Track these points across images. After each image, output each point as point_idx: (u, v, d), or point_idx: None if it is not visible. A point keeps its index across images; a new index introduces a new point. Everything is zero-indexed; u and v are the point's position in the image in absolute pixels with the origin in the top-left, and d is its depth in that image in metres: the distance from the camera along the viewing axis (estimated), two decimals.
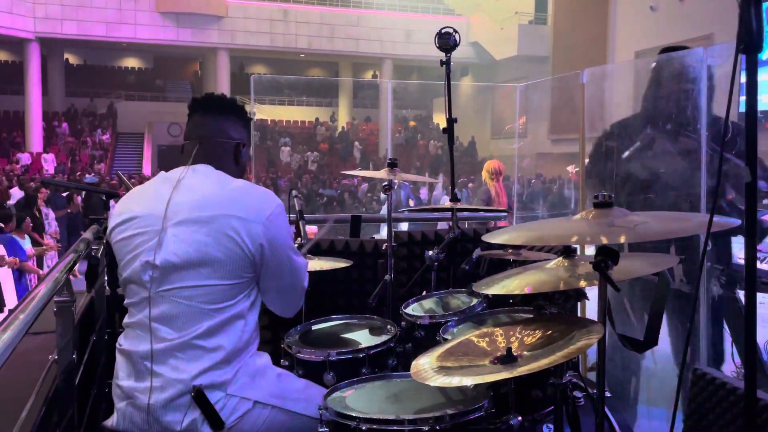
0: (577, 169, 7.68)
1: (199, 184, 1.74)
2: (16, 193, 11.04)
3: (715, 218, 1.30)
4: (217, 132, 1.85)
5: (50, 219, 9.60)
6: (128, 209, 1.77)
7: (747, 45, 1.16)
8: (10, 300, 6.17)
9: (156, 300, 1.69)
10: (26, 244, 7.38)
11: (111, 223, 1.80)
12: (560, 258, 1.76)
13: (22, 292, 6.53)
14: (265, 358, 1.86)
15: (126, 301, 1.78)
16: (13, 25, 20.68)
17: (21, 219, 7.41)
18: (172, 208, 1.70)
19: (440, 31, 2.76)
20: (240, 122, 1.91)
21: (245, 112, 1.92)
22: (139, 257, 1.70)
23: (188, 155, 1.82)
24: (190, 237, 1.68)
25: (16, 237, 7.06)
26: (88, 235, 2.22)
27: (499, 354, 1.50)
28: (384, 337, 2.19)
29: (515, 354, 1.48)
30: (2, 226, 6.97)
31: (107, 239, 1.83)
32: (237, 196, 1.73)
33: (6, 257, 6.42)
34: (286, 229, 1.82)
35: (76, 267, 1.92)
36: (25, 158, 19.48)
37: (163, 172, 1.84)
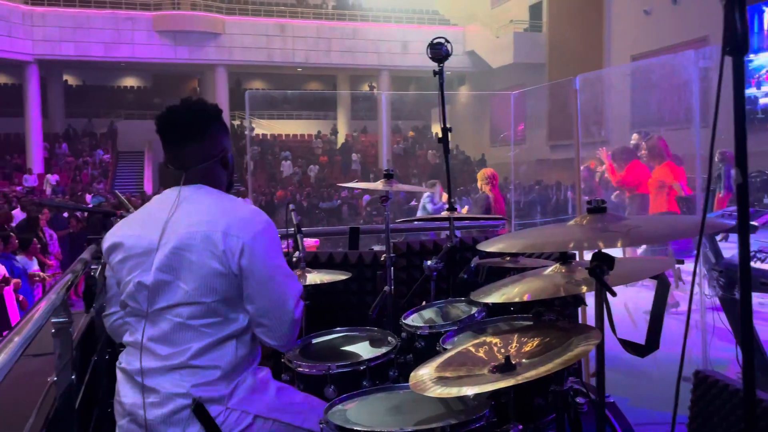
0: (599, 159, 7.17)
1: (196, 205, 1.75)
2: (18, 215, 11.05)
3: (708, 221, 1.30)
4: (208, 155, 1.83)
5: (53, 240, 9.61)
6: (122, 233, 1.78)
7: (732, 47, 1.16)
8: (15, 320, 6.16)
9: (150, 319, 1.71)
10: (34, 265, 7.38)
11: (104, 246, 1.81)
12: (557, 264, 1.76)
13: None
14: (265, 373, 1.85)
15: (127, 319, 1.79)
16: (11, 48, 20.80)
17: (27, 241, 7.39)
18: (169, 228, 1.71)
19: (432, 41, 2.77)
20: (223, 129, 1.89)
21: (222, 116, 1.89)
22: (133, 279, 1.72)
23: (180, 178, 1.81)
24: (178, 255, 1.68)
25: (20, 258, 7.05)
26: (86, 255, 2.22)
27: (497, 363, 1.50)
28: (384, 349, 2.19)
29: (514, 362, 1.48)
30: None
31: (105, 262, 1.83)
32: (225, 214, 1.72)
33: (10, 278, 6.41)
34: (273, 248, 1.76)
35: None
36: (32, 180, 19.58)
37: (157, 196, 1.86)
